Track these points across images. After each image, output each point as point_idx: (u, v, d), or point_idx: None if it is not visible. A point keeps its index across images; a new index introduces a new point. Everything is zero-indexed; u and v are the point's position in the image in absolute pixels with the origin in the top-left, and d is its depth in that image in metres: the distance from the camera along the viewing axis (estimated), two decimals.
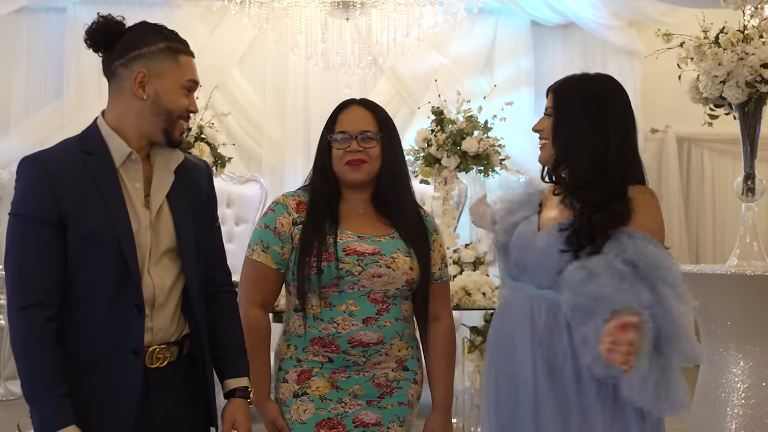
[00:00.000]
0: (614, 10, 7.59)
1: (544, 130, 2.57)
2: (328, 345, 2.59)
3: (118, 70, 2.28)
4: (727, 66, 4.25)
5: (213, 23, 7.45)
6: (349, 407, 2.60)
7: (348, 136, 2.65)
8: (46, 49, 7.40)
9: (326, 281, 2.56)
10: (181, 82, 2.30)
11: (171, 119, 2.27)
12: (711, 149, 8.57)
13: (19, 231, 2.16)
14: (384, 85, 7.53)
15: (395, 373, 2.66)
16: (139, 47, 2.27)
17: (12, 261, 2.15)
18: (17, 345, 2.11)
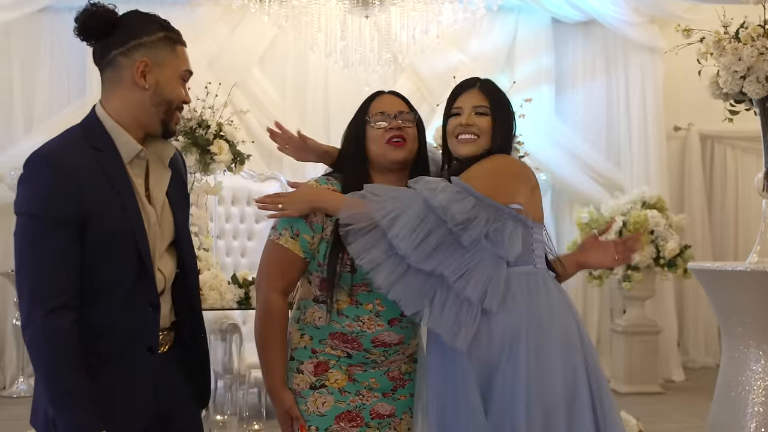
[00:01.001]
0: (635, 7, 7.56)
1: (476, 126, 2.62)
2: (350, 342, 2.57)
3: (117, 59, 2.22)
4: (747, 61, 4.21)
5: (233, 22, 7.49)
6: (367, 399, 2.61)
7: (387, 116, 2.63)
8: (69, 49, 7.45)
9: (358, 280, 2.53)
10: (179, 72, 2.28)
11: (170, 110, 2.27)
12: (734, 147, 8.52)
13: (35, 232, 2.09)
14: (404, 82, 7.54)
15: (406, 366, 2.68)
16: (140, 36, 2.21)
17: (30, 264, 2.09)
18: (43, 349, 2.06)
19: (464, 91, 2.68)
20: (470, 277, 2.41)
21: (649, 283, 7.18)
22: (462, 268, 2.41)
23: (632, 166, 7.90)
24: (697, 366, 8.19)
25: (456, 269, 2.41)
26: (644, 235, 6.83)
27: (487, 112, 2.63)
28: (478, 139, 2.62)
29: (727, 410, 4.36)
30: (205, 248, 5.02)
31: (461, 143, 2.64)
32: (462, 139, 2.63)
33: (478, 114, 2.63)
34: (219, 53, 7.44)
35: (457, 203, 2.43)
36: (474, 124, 2.62)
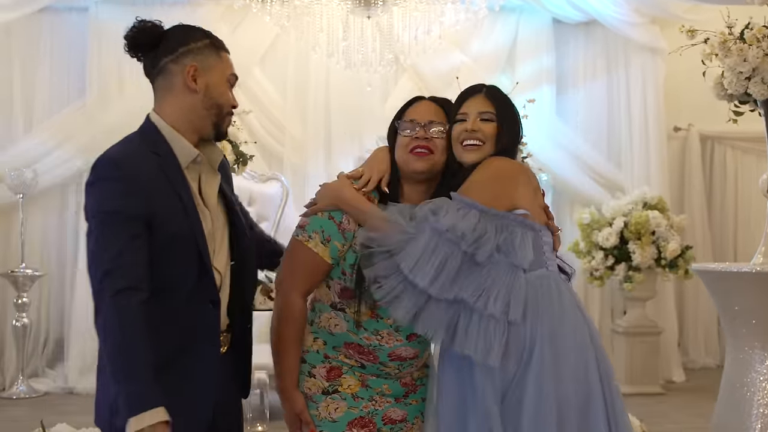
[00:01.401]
0: (636, 7, 7.55)
1: (482, 131, 2.58)
2: (365, 354, 2.55)
3: (167, 66, 2.32)
4: (753, 62, 4.21)
5: (234, 22, 7.46)
6: (379, 405, 2.58)
7: (416, 124, 2.58)
8: (69, 49, 7.45)
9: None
10: (226, 76, 2.37)
11: (221, 113, 2.36)
12: (734, 147, 8.52)
13: (108, 224, 2.15)
14: (405, 82, 7.53)
15: (419, 372, 2.67)
16: (187, 43, 2.32)
17: (102, 249, 2.14)
18: (111, 328, 2.09)
19: (470, 97, 2.65)
20: (489, 294, 2.37)
21: (650, 284, 7.17)
22: (480, 288, 2.38)
23: (633, 167, 7.89)
24: (697, 367, 8.19)
25: (474, 290, 2.37)
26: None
27: (493, 119, 2.60)
28: (483, 146, 2.58)
29: (732, 411, 4.36)
30: None
31: (466, 150, 2.59)
32: (467, 145, 2.58)
33: (483, 120, 2.59)
34: None
35: (463, 221, 2.39)
36: (479, 129, 2.58)
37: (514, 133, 2.63)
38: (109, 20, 7.31)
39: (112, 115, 7.25)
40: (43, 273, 7.08)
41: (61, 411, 6.26)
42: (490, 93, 2.65)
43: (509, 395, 2.42)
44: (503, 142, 2.59)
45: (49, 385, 7.09)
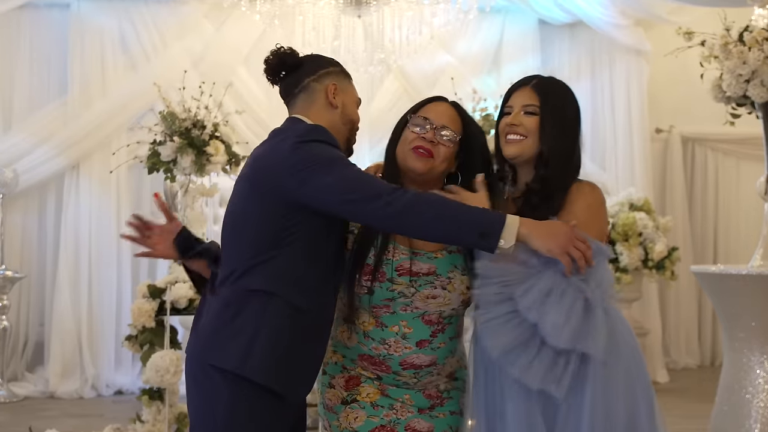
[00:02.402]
0: (622, 9, 7.57)
1: (523, 125, 2.52)
2: (377, 364, 2.47)
3: (310, 84, 2.53)
4: (753, 65, 4.22)
5: (219, 20, 7.38)
6: (401, 414, 2.47)
7: (428, 123, 2.49)
8: (50, 46, 7.31)
9: (377, 302, 2.44)
10: (355, 99, 2.62)
11: (353, 129, 2.60)
12: (715, 149, 8.57)
13: (346, 167, 2.38)
14: (391, 83, 7.49)
15: (446, 384, 2.55)
16: (326, 67, 2.57)
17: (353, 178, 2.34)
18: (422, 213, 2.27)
19: (517, 89, 2.58)
20: (595, 336, 2.30)
21: (636, 285, 7.18)
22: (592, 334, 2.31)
23: (617, 168, 7.92)
24: (679, 367, 8.23)
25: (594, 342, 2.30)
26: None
27: (536, 112, 2.51)
28: (525, 140, 2.51)
29: (730, 414, 4.37)
30: None
31: (508, 143, 2.53)
32: (509, 139, 2.53)
33: (526, 113, 2.52)
34: (204, 52, 7.33)
35: (606, 272, 2.37)
36: (521, 123, 2.51)
37: (560, 129, 2.51)
38: (91, 17, 7.21)
39: (94, 114, 7.15)
40: (23, 275, 6.95)
41: (42, 416, 6.16)
42: (537, 85, 2.56)
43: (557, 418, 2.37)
44: (548, 137, 2.49)
45: (29, 390, 6.94)
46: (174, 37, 7.29)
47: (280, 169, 2.35)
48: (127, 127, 7.16)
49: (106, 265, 7.15)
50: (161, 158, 4.86)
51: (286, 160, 2.36)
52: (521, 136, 2.52)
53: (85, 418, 6.12)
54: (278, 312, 2.35)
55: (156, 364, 4.49)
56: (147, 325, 4.63)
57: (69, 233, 7.12)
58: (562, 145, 2.52)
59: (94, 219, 7.15)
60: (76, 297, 7.07)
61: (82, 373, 7.00)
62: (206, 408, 2.38)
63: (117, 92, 7.21)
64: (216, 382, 2.35)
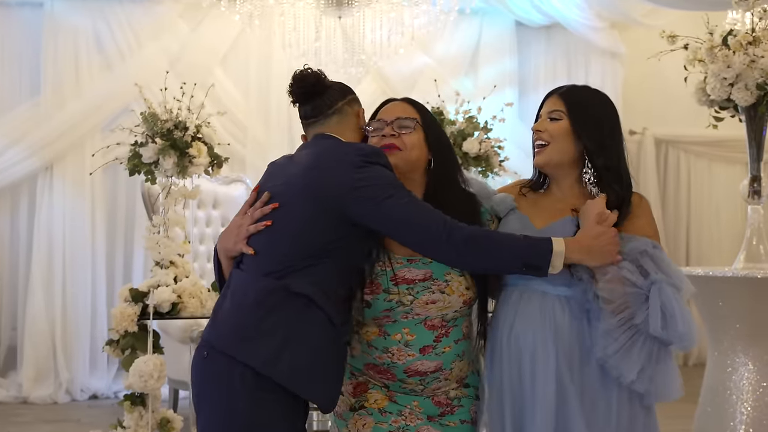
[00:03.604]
0: (598, 11, 7.61)
1: (548, 131, 2.57)
2: (383, 372, 2.48)
3: (344, 107, 2.63)
4: (738, 68, 4.25)
5: (195, 20, 7.30)
6: (410, 420, 2.47)
7: (382, 122, 2.60)
8: (22, 45, 7.18)
9: (377, 313, 2.45)
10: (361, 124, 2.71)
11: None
12: (687, 151, 8.66)
13: (408, 193, 2.44)
14: (369, 84, 7.45)
15: (456, 391, 2.54)
16: (351, 93, 2.70)
17: (424, 211, 2.41)
18: (482, 249, 2.37)
19: (546, 99, 2.65)
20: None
21: None
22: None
23: None
24: None
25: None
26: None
27: (561, 117, 2.56)
28: (548, 146, 2.57)
29: (714, 415, 4.39)
30: (180, 254, 4.85)
31: (536, 154, 2.62)
32: (536, 147, 2.61)
33: (551, 120, 2.58)
34: (179, 53, 7.25)
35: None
36: (545, 129, 2.58)
37: (594, 126, 2.55)
38: (64, 16, 7.09)
39: (68, 114, 7.05)
40: None
41: (15, 422, 6.07)
42: (564, 93, 2.61)
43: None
44: (583, 135, 2.53)
45: (1, 395, 6.82)
46: (149, 37, 7.20)
47: (347, 184, 2.41)
48: (102, 128, 7.07)
49: (81, 267, 7.03)
50: (143, 160, 4.77)
51: (353, 176, 2.42)
52: (545, 142, 2.57)
53: (61, 423, 6.04)
54: (315, 320, 2.35)
55: (140, 370, 4.41)
56: (129, 330, 4.55)
57: (42, 235, 7.00)
58: (601, 141, 2.55)
59: (68, 221, 7.04)
60: (50, 300, 6.95)
61: (56, 378, 6.89)
62: (225, 404, 2.35)
63: (91, 92, 7.10)
64: (237, 378, 2.34)
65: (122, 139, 4.95)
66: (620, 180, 2.58)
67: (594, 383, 2.47)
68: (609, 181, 2.55)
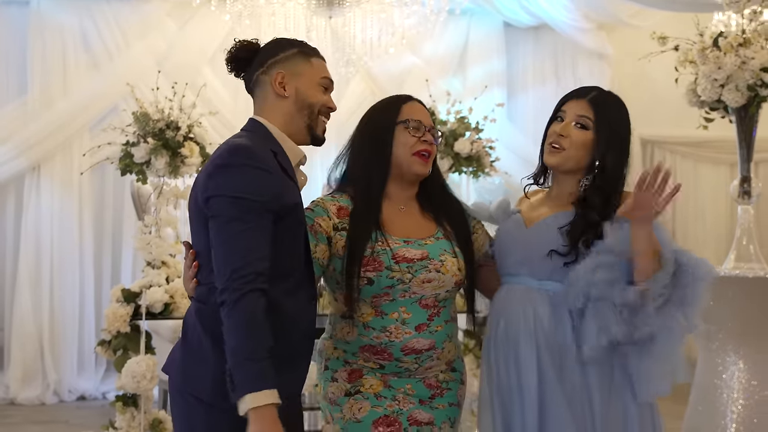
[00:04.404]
0: (585, 12, 7.65)
1: (570, 138, 2.57)
2: (379, 353, 2.53)
3: (259, 78, 2.44)
4: (729, 69, 4.28)
5: (183, 19, 7.29)
6: (403, 405, 2.55)
7: (422, 125, 2.60)
8: (8, 44, 7.14)
9: (377, 291, 2.50)
10: (316, 80, 2.45)
11: (313, 114, 2.43)
12: (674, 152, 8.71)
13: (242, 212, 2.20)
14: (357, 84, 7.46)
15: (445, 375, 2.63)
16: (276, 54, 2.43)
17: (235, 243, 2.19)
18: (238, 323, 2.14)
19: (573, 98, 2.63)
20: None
21: None
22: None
23: None
24: None
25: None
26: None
27: (588, 126, 2.57)
28: (565, 152, 2.58)
29: (705, 414, 4.42)
30: (172, 255, 4.84)
31: (550, 153, 2.61)
32: (552, 147, 2.60)
33: (577, 125, 2.58)
34: (167, 52, 7.23)
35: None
36: (569, 135, 2.58)
37: (616, 144, 2.58)
38: (51, 15, 7.06)
39: (55, 113, 7.01)
40: None
41: (3, 423, 6.04)
42: (594, 99, 2.61)
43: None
44: (602, 152, 2.55)
45: None
46: (137, 35, 7.18)
47: (201, 195, 2.27)
48: (90, 128, 7.04)
49: (68, 268, 7.00)
50: (134, 160, 4.76)
51: (203, 184, 2.27)
52: (563, 147, 2.57)
53: (50, 424, 6.01)
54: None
55: (132, 370, 4.40)
56: (122, 330, 4.54)
57: (29, 236, 6.96)
58: (616, 160, 2.58)
59: (56, 221, 7.00)
60: (38, 301, 6.92)
61: (44, 379, 6.85)
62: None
63: (79, 92, 7.08)
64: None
65: (112, 138, 4.94)
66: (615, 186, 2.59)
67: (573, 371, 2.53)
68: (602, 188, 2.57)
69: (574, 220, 2.54)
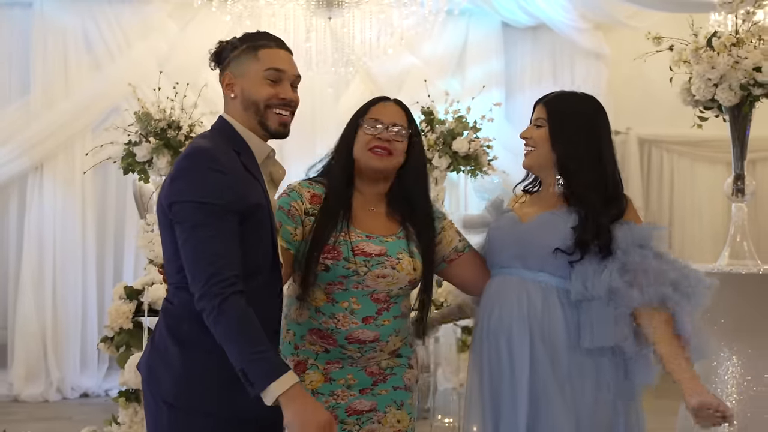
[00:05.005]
0: (582, 13, 7.71)
1: (533, 138, 2.75)
2: (325, 338, 2.64)
3: (221, 75, 2.48)
4: (722, 69, 4.34)
5: (184, 20, 7.36)
6: (341, 399, 2.66)
7: (379, 123, 2.69)
8: (11, 45, 7.24)
9: (332, 278, 2.61)
10: (260, 75, 2.41)
11: (259, 110, 2.41)
12: (670, 151, 8.78)
13: (206, 217, 2.22)
14: (357, 85, 7.52)
15: (388, 361, 2.73)
16: (227, 56, 2.46)
17: (206, 248, 2.20)
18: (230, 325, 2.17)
19: (535, 106, 2.82)
20: None
21: None
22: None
23: None
24: None
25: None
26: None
27: (543, 124, 2.73)
28: (535, 150, 2.76)
29: None
30: None
31: (525, 156, 2.80)
32: (525, 151, 2.79)
33: (536, 126, 2.76)
34: (168, 53, 7.29)
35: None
36: (531, 136, 2.77)
37: (572, 134, 2.70)
38: (54, 16, 7.14)
39: (57, 114, 7.09)
40: None
41: (7, 420, 6.09)
42: (548, 101, 2.78)
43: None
44: (558, 143, 2.70)
45: None
46: (138, 36, 7.25)
47: (164, 200, 2.30)
48: (92, 128, 7.11)
49: (71, 267, 7.08)
50: (136, 159, 4.84)
51: (167, 189, 2.29)
52: (532, 147, 2.76)
53: (53, 421, 6.07)
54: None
55: (134, 366, 4.47)
56: (124, 327, 4.61)
57: (32, 235, 7.04)
58: (575, 149, 2.70)
59: (59, 220, 7.08)
60: (40, 299, 6.99)
61: (47, 377, 6.92)
62: None
63: (80, 92, 7.15)
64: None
65: (114, 138, 5.01)
66: (600, 188, 2.68)
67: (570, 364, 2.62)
68: (580, 188, 2.68)
69: (583, 223, 2.64)
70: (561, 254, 2.63)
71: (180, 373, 2.28)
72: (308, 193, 2.71)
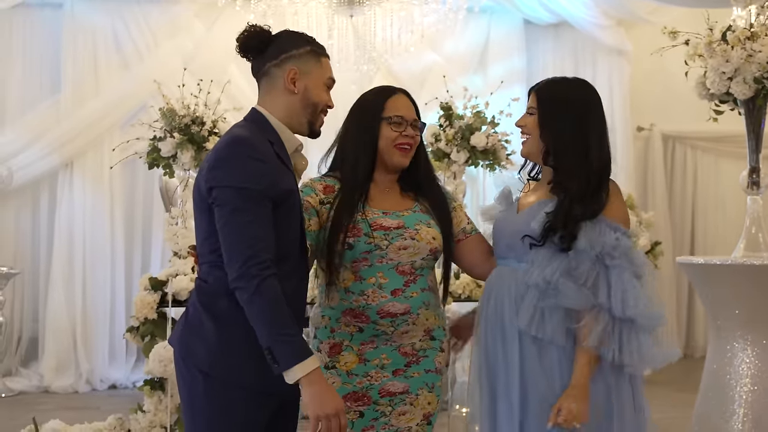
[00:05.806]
0: (604, 9, 7.74)
1: (527, 126, 2.80)
2: (358, 316, 2.72)
3: (270, 69, 2.55)
4: (736, 63, 4.37)
5: (210, 19, 7.48)
6: (375, 380, 2.75)
7: (404, 120, 2.80)
8: (43, 45, 7.39)
9: (357, 256, 2.71)
10: (323, 80, 2.60)
11: (315, 111, 2.59)
12: (694, 147, 8.78)
13: (245, 201, 2.36)
14: (380, 82, 7.58)
15: (422, 343, 2.80)
16: (290, 50, 2.55)
17: (242, 232, 2.34)
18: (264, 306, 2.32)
19: (529, 93, 2.86)
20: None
21: None
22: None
23: None
24: None
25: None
26: None
27: (534, 112, 2.78)
28: (529, 138, 2.80)
29: (714, 399, 4.51)
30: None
31: (521, 145, 2.84)
32: (521, 140, 2.83)
33: (529, 114, 2.80)
34: (195, 51, 7.42)
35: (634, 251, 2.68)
36: (525, 124, 2.81)
37: (561, 122, 2.71)
38: (84, 17, 7.29)
39: (87, 112, 7.24)
40: (18, 271, 7.02)
41: (38, 410, 6.21)
42: (539, 89, 2.81)
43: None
44: (548, 135, 2.73)
45: (23, 384, 7.03)
46: (165, 36, 7.39)
47: (203, 186, 2.42)
48: (120, 126, 7.26)
49: (100, 261, 7.24)
50: (161, 154, 4.96)
51: (206, 175, 2.42)
52: (526, 135, 2.81)
53: (82, 411, 6.20)
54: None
55: (159, 354, 4.59)
56: (149, 317, 4.73)
57: (62, 230, 7.20)
58: (561, 137, 2.72)
59: (88, 216, 7.24)
60: (70, 293, 7.15)
61: (77, 368, 7.09)
62: None
63: (110, 91, 7.30)
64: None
65: (140, 134, 5.13)
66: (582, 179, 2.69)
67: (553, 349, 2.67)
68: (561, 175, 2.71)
69: (556, 210, 2.67)
70: (528, 240, 2.68)
71: (215, 345, 2.42)
72: (321, 185, 2.82)
